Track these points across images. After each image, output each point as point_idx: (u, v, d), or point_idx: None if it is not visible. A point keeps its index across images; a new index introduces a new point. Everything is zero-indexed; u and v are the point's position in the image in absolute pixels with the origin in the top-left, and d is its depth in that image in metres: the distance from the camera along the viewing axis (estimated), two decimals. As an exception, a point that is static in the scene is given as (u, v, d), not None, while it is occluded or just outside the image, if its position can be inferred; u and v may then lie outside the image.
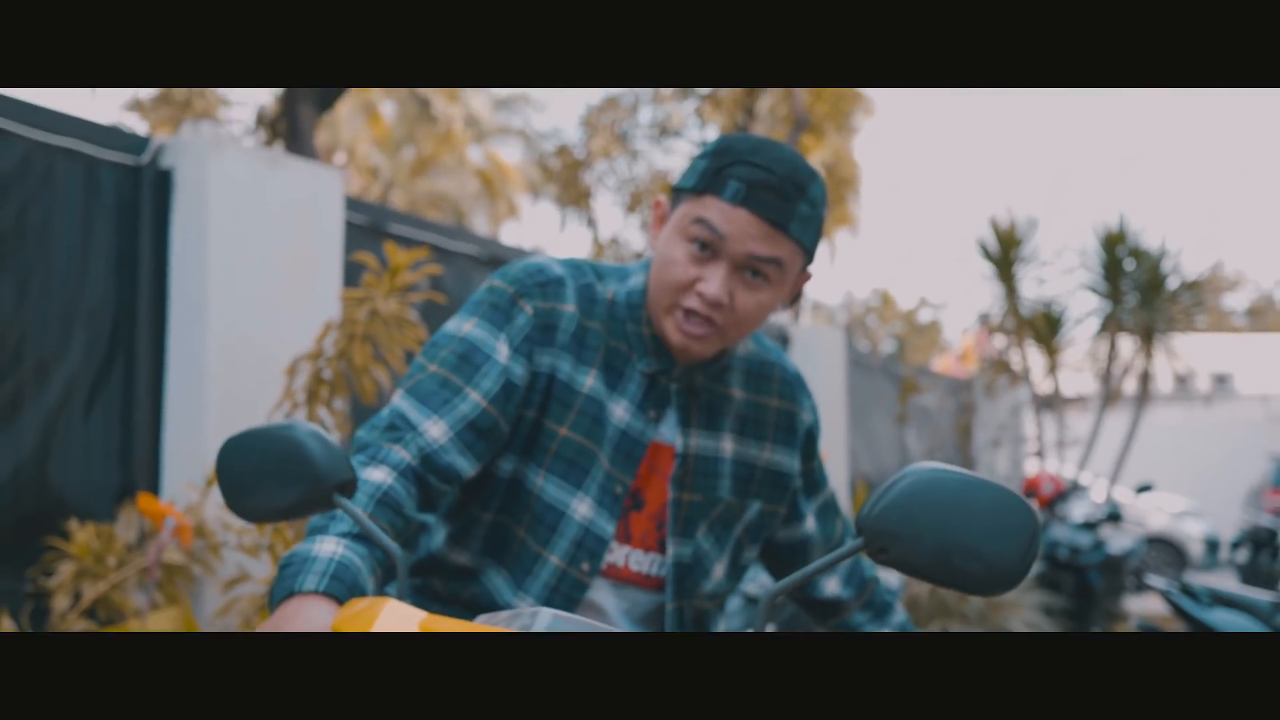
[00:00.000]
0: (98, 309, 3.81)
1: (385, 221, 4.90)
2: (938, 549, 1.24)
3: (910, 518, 1.25)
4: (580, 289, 1.85)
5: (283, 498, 1.45)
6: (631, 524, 1.85)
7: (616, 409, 1.83)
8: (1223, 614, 4.11)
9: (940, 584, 1.28)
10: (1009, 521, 1.25)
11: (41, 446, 3.64)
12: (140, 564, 3.50)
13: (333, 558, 1.49)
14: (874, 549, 1.28)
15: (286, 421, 1.50)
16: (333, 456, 1.46)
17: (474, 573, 1.84)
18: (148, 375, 3.92)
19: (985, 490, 1.26)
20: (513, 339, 1.78)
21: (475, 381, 1.74)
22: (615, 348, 1.84)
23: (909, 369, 10.64)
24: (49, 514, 3.61)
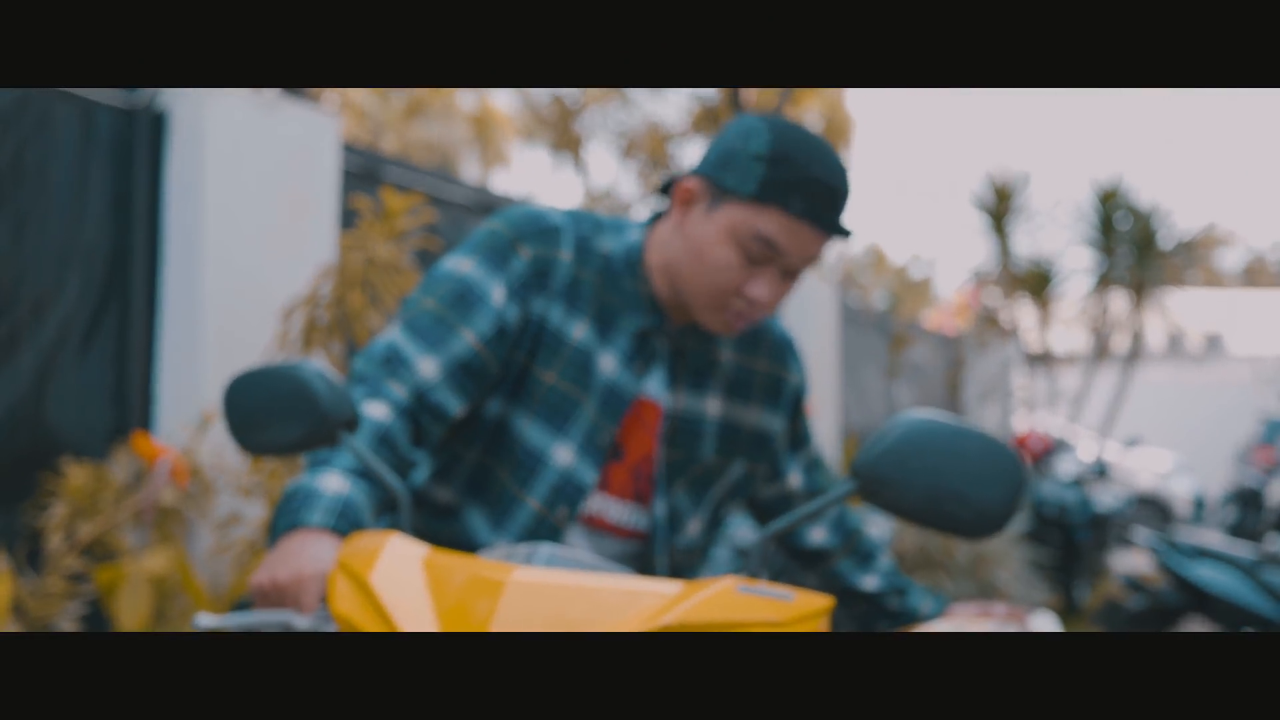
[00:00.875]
0: (93, 250, 3.82)
1: (380, 167, 4.89)
2: (928, 494, 1.30)
3: (903, 463, 1.31)
4: (578, 239, 1.86)
5: (288, 434, 1.49)
6: (611, 474, 1.88)
7: (605, 361, 1.85)
8: (1206, 568, 4.15)
9: (929, 527, 1.33)
10: (997, 469, 1.31)
11: (37, 385, 3.66)
12: (135, 504, 3.52)
13: (338, 494, 1.53)
14: (867, 492, 1.33)
15: (293, 360, 1.54)
16: (338, 395, 1.49)
17: (454, 510, 1.87)
18: (143, 316, 3.93)
19: (975, 439, 1.32)
20: (509, 283, 1.80)
21: (470, 321, 1.77)
22: (608, 301, 1.86)
23: (900, 324, 10.66)
24: (44, 452, 3.63)
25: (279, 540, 1.49)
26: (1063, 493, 9.10)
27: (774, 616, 1.16)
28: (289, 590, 1.40)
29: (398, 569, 1.22)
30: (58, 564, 3.41)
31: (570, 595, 1.17)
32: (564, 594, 1.17)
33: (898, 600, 2.19)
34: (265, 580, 1.42)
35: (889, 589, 2.18)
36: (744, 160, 1.73)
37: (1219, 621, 4.14)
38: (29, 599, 3.34)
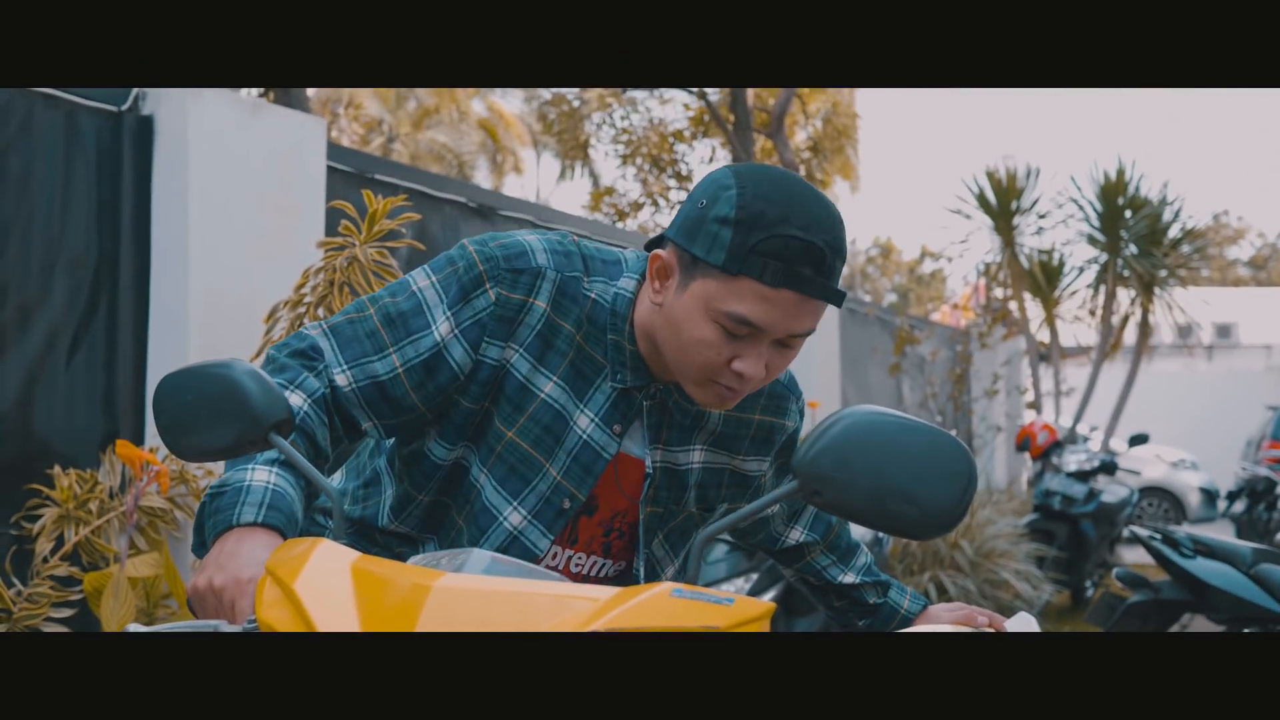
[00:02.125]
0: (80, 256, 3.81)
1: (370, 169, 4.88)
2: (872, 492, 1.24)
3: (845, 461, 1.25)
4: (560, 284, 1.71)
5: (219, 437, 1.45)
6: (580, 527, 1.80)
7: (581, 419, 1.74)
8: (1205, 563, 4.12)
9: (875, 527, 1.28)
10: (945, 465, 1.25)
11: (25, 393, 3.65)
12: (122, 509, 3.51)
13: (267, 486, 1.50)
14: (808, 491, 1.27)
15: (223, 360, 1.50)
16: (270, 396, 1.45)
17: (413, 541, 1.84)
18: (130, 322, 3.93)
19: (922, 434, 1.26)
20: (460, 318, 1.69)
21: (400, 347, 1.69)
22: (588, 354, 1.73)
23: (904, 319, 10.62)
24: (33, 460, 3.63)
25: (214, 543, 1.46)
26: (1069, 485, 9.06)
27: (711, 622, 1.11)
28: (225, 595, 1.38)
29: (324, 575, 1.20)
30: (45, 570, 3.41)
31: (498, 601, 1.13)
32: (491, 600, 1.13)
33: (877, 595, 2.17)
34: (203, 585, 1.39)
35: (869, 584, 2.16)
36: (710, 226, 1.55)
37: (1220, 616, 4.10)
38: (16, 605, 3.34)
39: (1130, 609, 4.22)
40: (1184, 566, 4.07)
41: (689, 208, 1.60)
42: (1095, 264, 12.57)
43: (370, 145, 22.52)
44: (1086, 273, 12.79)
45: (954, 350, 11.33)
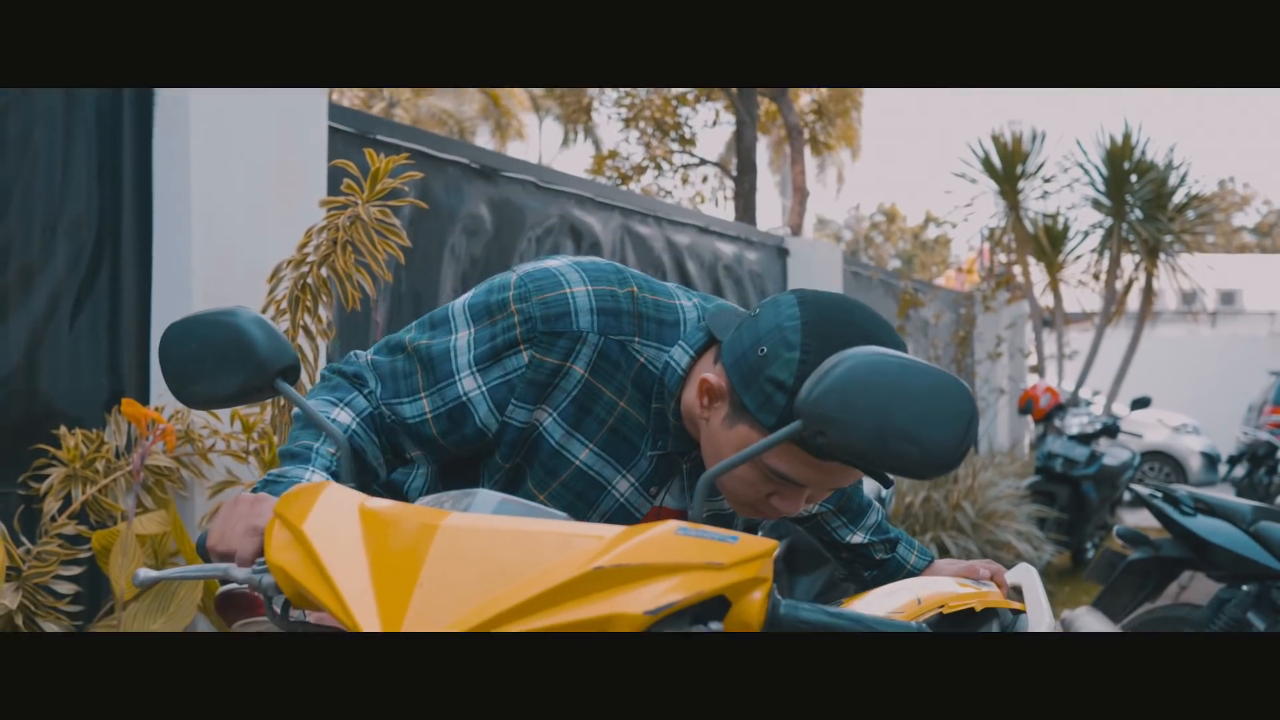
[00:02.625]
0: (81, 218, 3.82)
1: (372, 129, 4.88)
2: (874, 433, 1.24)
3: (848, 402, 1.25)
4: (603, 348, 1.67)
5: (226, 384, 1.46)
6: None
7: (621, 484, 1.72)
8: (1205, 520, 4.14)
9: (877, 467, 1.30)
10: (946, 406, 1.25)
11: (29, 355, 3.67)
12: (129, 468, 3.54)
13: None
14: (811, 432, 1.28)
15: (228, 307, 1.52)
16: (275, 342, 1.47)
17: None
18: (134, 284, 3.94)
19: (924, 374, 1.27)
20: (488, 378, 1.66)
21: (430, 394, 1.67)
22: (632, 419, 1.71)
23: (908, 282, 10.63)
24: (38, 421, 3.65)
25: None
26: (1071, 448, 9.09)
27: (715, 558, 1.12)
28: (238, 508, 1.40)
29: (332, 517, 1.21)
30: (53, 529, 3.44)
31: (503, 539, 1.14)
32: (496, 538, 1.14)
33: (885, 552, 2.20)
34: (226, 504, 1.44)
35: (877, 541, 2.19)
36: (765, 385, 1.54)
37: (1219, 574, 4.13)
38: (25, 563, 3.36)
39: (1130, 566, 4.25)
40: (1184, 524, 4.10)
41: (749, 347, 1.57)
42: (1100, 229, 12.56)
43: (371, 110, 22.47)
44: (1091, 237, 12.79)
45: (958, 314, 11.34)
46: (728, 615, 1.12)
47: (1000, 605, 1.96)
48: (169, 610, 3.40)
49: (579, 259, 1.75)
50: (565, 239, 6.20)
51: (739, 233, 8.49)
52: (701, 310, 1.76)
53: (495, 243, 5.71)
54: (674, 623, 1.10)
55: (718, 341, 1.69)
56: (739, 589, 1.12)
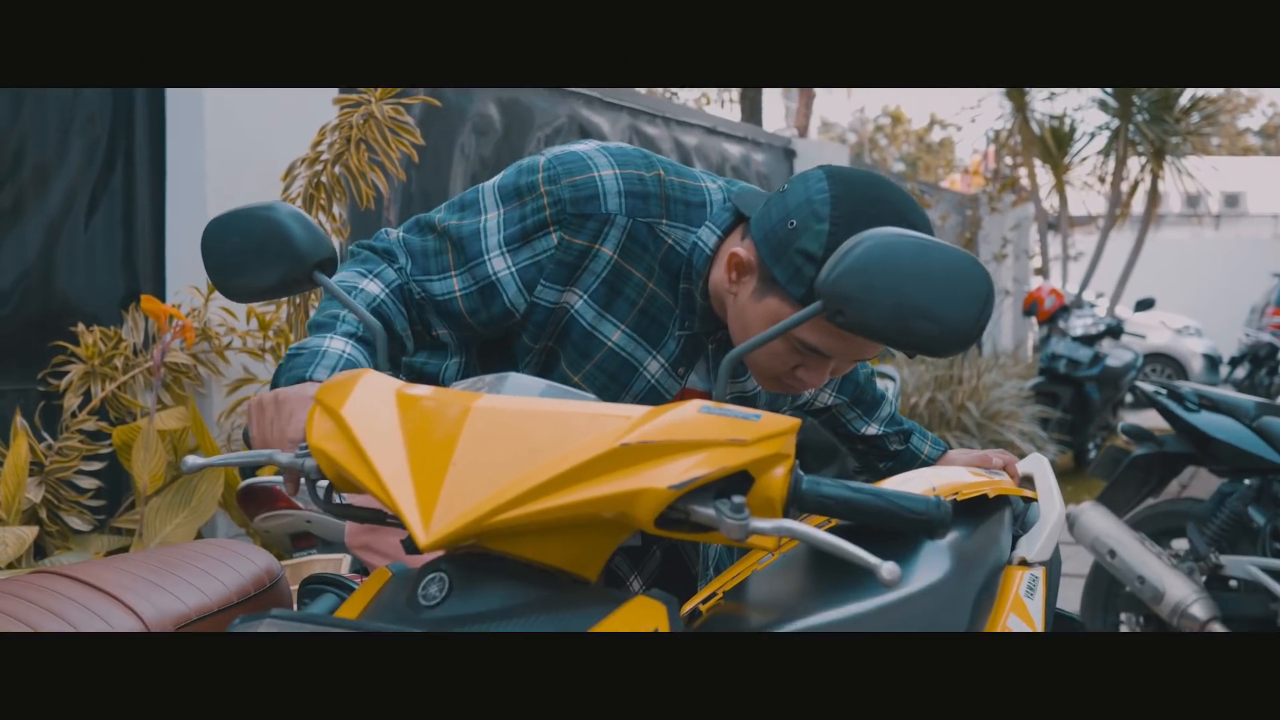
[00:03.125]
0: (95, 115, 3.82)
1: (381, 29, 4.85)
2: (893, 311, 1.27)
3: (867, 281, 1.27)
4: (631, 230, 1.69)
5: (266, 277, 1.49)
6: None
7: (651, 365, 1.75)
8: (1208, 416, 4.18)
9: (895, 345, 1.32)
10: (964, 284, 1.27)
11: (46, 253, 3.69)
12: (147, 365, 3.58)
13: (342, 353, 1.54)
14: (831, 311, 1.30)
15: (267, 202, 1.54)
16: (313, 235, 1.49)
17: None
18: (148, 181, 3.95)
19: (942, 253, 1.28)
20: (518, 258, 1.68)
21: (460, 273, 1.69)
22: (660, 299, 1.73)
23: (914, 184, 10.59)
24: (55, 318, 3.68)
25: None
26: (1074, 349, 9.11)
27: (739, 435, 1.13)
28: (286, 405, 1.42)
29: (371, 401, 1.23)
30: (74, 425, 3.49)
31: (533, 420, 1.17)
32: (527, 419, 1.17)
33: (899, 443, 2.23)
34: (267, 398, 1.45)
35: (891, 433, 2.23)
36: (794, 256, 1.56)
37: (1222, 469, 4.18)
38: (47, 458, 3.42)
39: (1134, 462, 4.29)
40: (1188, 420, 4.14)
41: (778, 220, 1.59)
42: (1106, 130, 12.47)
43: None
44: (1097, 139, 12.70)
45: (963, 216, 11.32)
46: (751, 490, 1.14)
47: (1012, 492, 2.00)
48: (190, 504, 3.46)
49: (606, 144, 1.76)
50: (574, 139, 6.19)
51: (746, 134, 8.46)
52: (726, 193, 1.77)
53: (504, 142, 5.71)
54: (698, 498, 1.12)
55: (744, 221, 1.71)
56: (762, 465, 1.14)
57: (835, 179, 1.57)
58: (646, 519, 1.11)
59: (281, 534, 3.13)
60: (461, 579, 1.14)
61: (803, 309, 1.44)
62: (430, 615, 1.12)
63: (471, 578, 1.14)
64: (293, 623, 1.13)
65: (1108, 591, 4.29)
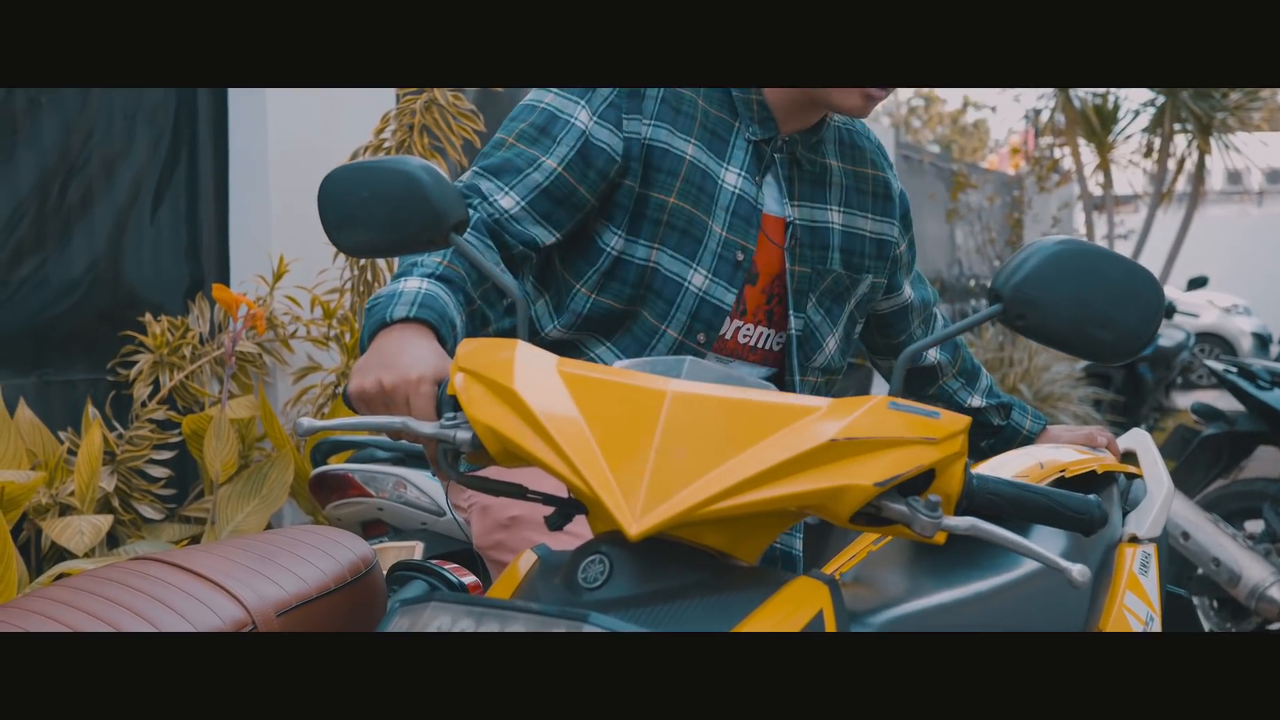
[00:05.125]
0: (160, 106, 3.83)
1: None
2: (1074, 317, 1.31)
3: (1049, 287, 1.31)
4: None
5: (396, 233, 1.44)
6: (746, 298, 1.84)
7: (728, 175, 1.80)
8: (1282, 394, 4.13)
9: (1070, 350, 1.36)
10: (1140, 293, 1.32)
11: (113, 243, 3.70)
12: (215, 354, 3.58)
13: (419, 290, 1.52)
14: (1012, 315, 1.34)
15: (397, 156, 1.50)
16: (450, 194, 1.43)
17: (572, 345, 1.84)
18: (211, 172, 3.95)
19: (1117, 262, 1.33)
20: (596, 105, 1.75)
21: (550, 150, 1.73)
22: (716, 115, 1.81)
23: (960, 165, 10.52)
24: (123, 309, 3.69)
25: (371, 344, 1.48)
26: (1125, 330, 9.02)
27: (929, 434, 1.17)
28: (398, 394, 1.38)
29: (536, 376, 1.21)
30: (144, 414, 3.50)
31: (732, 409, 1.17)
32: (725, 408, 1.17)
33: (1001, 417, 2.20)
34: (370, 385, 1.40)
35: (993, 406, 2.20)
36: None
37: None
38: (119, 448, 3.43)
39: (1205, 442, 4.24)
40: (1261, 398, 4.09)
41: None
42: (1151, 107, 12.33)
43: None
44: (1141, 116, 12.55)
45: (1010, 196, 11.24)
46: (931, 486, 1.19)
47: (1118, 469, 1.97)
48: (261, 493, 3.46)
49: None
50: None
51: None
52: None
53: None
54: (890, 494, 1.17)
55: None
56: (944, 463, 1.18)
57: None
58: (845, 513, 1.15)
59: (353, 522, 3.13)
60: (623, 561, 1.13)
61: None
62: (594, 597, 1.11)
63: (634, 560, 1.13)
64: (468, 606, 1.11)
65: (1179, 575, 4.25)
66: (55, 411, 3.47)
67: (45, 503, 3.12)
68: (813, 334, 1.89)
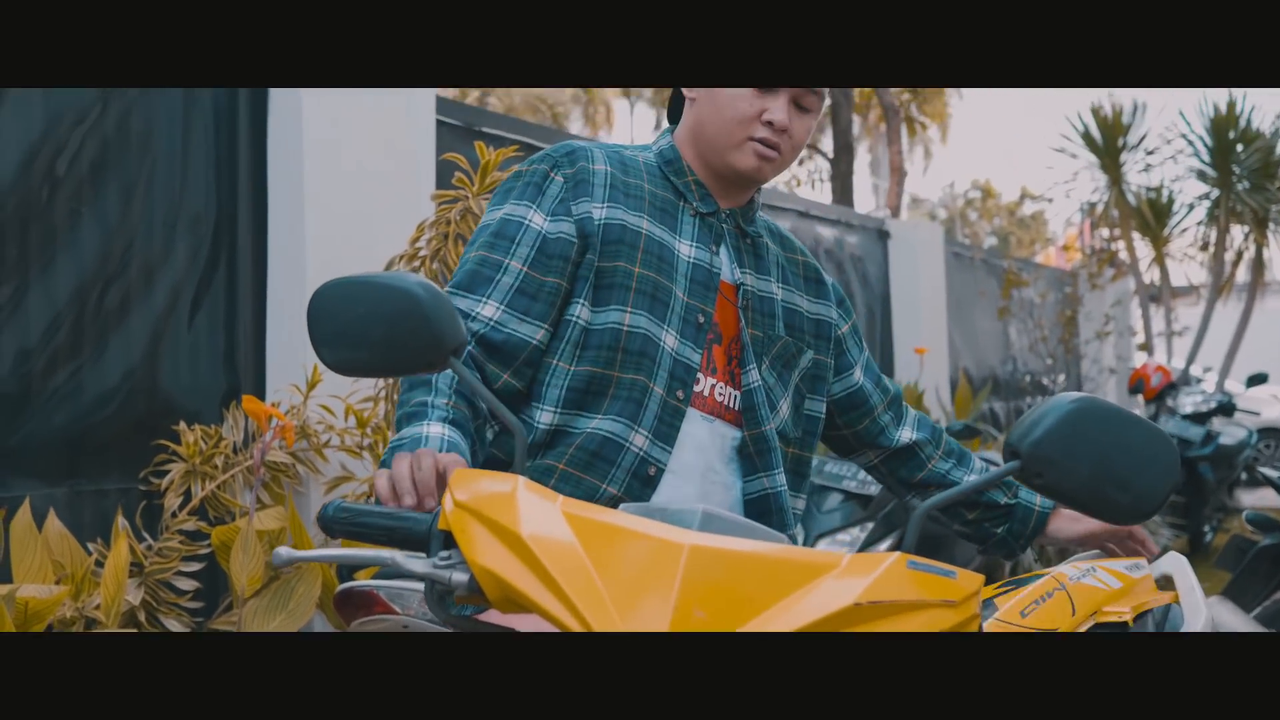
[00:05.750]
0: (200, 215, 3.86)
1: (478, 122, 4.88)
2: (1092, 478, 1.31)
3: (1068, 446, 1.31)
4: (609, 153, 1.94)
5: (393, 355, 1.40)
6: (715, 356, 1.91)
7: (682, 246, 1.91)
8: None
9: (1084, 510, 1.35)
10: (1158, 457, 1.33)
11: (150, 351, 3.71)
12: (247, 463, 3.57)
13: (443, 437, 1.57)
14: (1030, 473, 1.33)
15: (394, 273, 1.46)
16: (450, 317, 1.41)
17: (565, 430, 1.84)
18: (250, 280, 3.97)
19: (1137, 425, 1.34)
20: (546, 205, 1.86)
21: (512, 252, 1.83)
22: (661, 196, 1.94)
23: (1011, 261, 10.43)
24: (158, 417, 3.69)
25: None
26: (1185, 427, 8.85)
27: (949, 596, 1.17)
28: (423, 458, 1.44)
29: (544, 521, 1.17)
30: (174, 525, 3.48)
31: (752, 564, 1.16)
32: (745, 563, 1.16)
33: (1008, 496, 2.13)
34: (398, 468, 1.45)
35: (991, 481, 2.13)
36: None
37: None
38: (147, 559, 3.41)
39: (1261, 552, 4.11)
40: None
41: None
42: (1206, 200, 12.22)
43: (468, 98, 22.61)
44: (1197, 209, 12.43)
45: (1062, 292, 11.13)
46: None
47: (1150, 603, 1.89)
48: (288, 607, 3.42)
49: None
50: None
51: (839, 216, 8.40)
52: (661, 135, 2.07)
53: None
54: None
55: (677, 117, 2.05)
56: (961, 624, 1.19)
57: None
58: None
59: (381, 637, 3.08)
60: None
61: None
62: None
63: None
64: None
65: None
66: (86, 521, 3.46)
67: (70, 616, 3.10)
68: (768, 393, 1.95)
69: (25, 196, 3.39)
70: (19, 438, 3.38)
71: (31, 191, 3.41)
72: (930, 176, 63.72)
